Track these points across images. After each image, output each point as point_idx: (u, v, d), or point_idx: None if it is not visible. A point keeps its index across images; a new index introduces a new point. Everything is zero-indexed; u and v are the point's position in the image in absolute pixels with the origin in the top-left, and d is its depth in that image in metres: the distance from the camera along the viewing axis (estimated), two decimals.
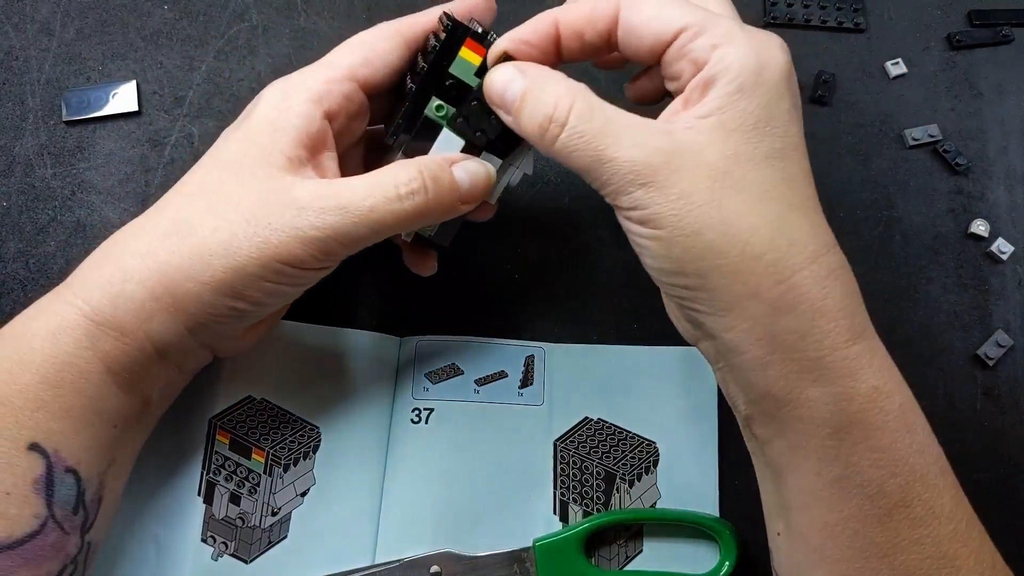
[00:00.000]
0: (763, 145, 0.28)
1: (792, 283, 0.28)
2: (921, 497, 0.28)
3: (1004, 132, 0.49)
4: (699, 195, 0.28)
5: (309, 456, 0.39)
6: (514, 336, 0.43)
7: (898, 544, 0.28)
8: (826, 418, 0.28)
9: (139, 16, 0.47)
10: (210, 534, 0.37)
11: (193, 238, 0.31)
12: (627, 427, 0.41)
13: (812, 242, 0.28)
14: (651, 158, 0.28)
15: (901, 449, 0.28)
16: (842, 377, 0.28)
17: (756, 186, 0.28)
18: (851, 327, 0.28)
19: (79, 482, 0.30)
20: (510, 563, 0.38)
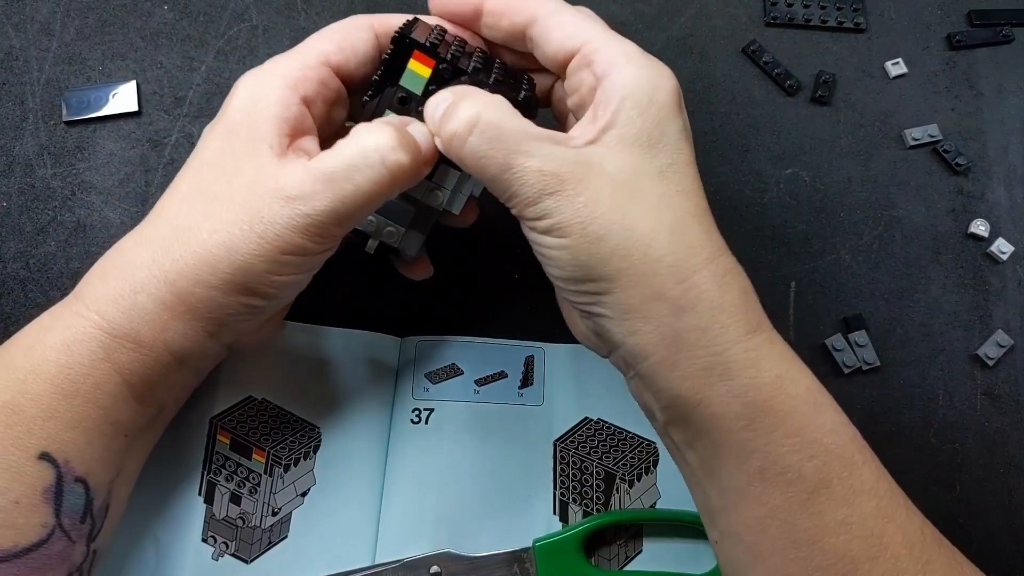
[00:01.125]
0: (658, 160, 0.30)
1: (692, 283, 0.29)
2: (840, 476, 0.29)
3: (1004, 132, 0.49)
4: (603, 203, 0.29)
5: (309, 456, 0.39)
6: (514, 336, 0.43)
7: (825, 527, 0.29)
8: (737, 412, 0.29)
9: (139, 16, 0.47)
10: (211, 534, 0.37)
11: (194, 244, 0.31)
12: (627, 427, 0.41)
13: (708, 246, 0.30)
14: (559, 168, 0.29)
15: (814, 431, 0.29)
16: (746, 368, 0.29)
17: (654, 196, 0.30)
18: (748, 321, 0.30)
19: (88, 491, 0.30)
20: (510, 563, 0.38)
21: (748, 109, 0.49)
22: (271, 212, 0.30)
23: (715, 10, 0.50)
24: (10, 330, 0.32)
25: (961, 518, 0.43)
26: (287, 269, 0.31)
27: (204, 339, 0.32)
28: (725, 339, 0.29)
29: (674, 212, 0.30)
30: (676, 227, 0.30)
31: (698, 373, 0.29)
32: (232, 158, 0.32)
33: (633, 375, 0.32)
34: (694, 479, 0.32)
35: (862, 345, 0.45)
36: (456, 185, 0.36)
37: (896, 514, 0.29)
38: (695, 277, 0.29)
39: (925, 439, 0.44)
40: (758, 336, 0.30)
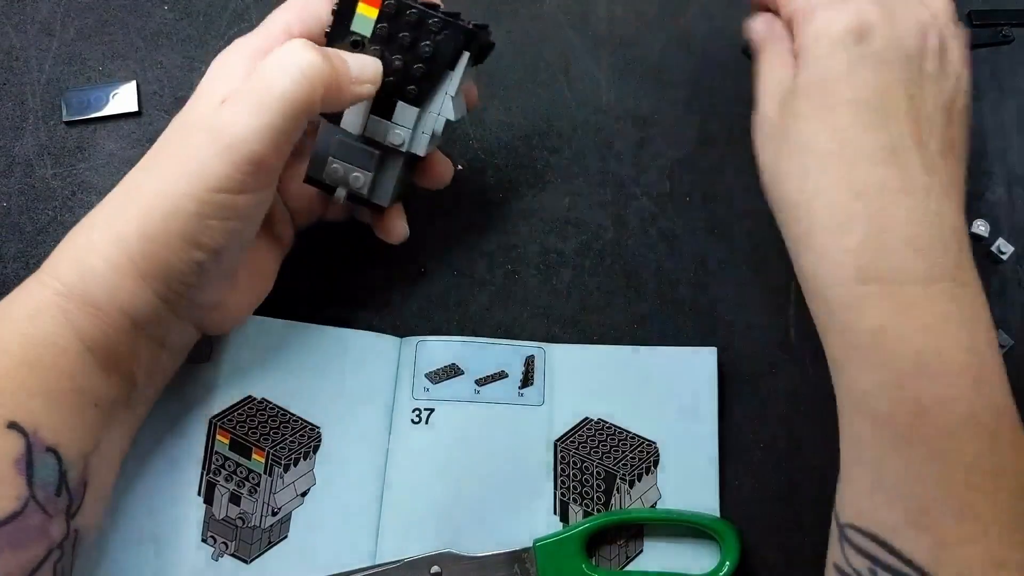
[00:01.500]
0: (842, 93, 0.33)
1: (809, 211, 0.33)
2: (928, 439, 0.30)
3: (1004, 132, 0.49)
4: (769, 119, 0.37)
5: (309, 456, 0.39)
6: (514, 336, 0.43)
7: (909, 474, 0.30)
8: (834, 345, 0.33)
9: (139, 16, 0.47)
10: (210, 534, 0.37)
11: (138, 198, 0.32)
12: (627, 427, 0.41)
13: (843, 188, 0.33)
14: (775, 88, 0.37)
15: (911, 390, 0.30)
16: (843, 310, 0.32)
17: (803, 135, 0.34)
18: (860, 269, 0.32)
19: (60, 462, 0.30)
20: (510, 563, 0.38)
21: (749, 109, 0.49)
22: (196, 147, 0.31)
23: (715, 10, 0.50)
24: None
25: None
26: (221, 212, 0.31)
27: (155, 301, 0.32)
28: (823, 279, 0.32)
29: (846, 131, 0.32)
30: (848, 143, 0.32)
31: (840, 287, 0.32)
32: (182, 121, 0.33)
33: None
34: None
35: None
36: (416, 124, 0.36)
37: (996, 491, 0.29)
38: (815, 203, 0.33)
39: None
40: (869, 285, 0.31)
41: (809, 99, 0.33)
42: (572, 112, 0.47)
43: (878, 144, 0.32)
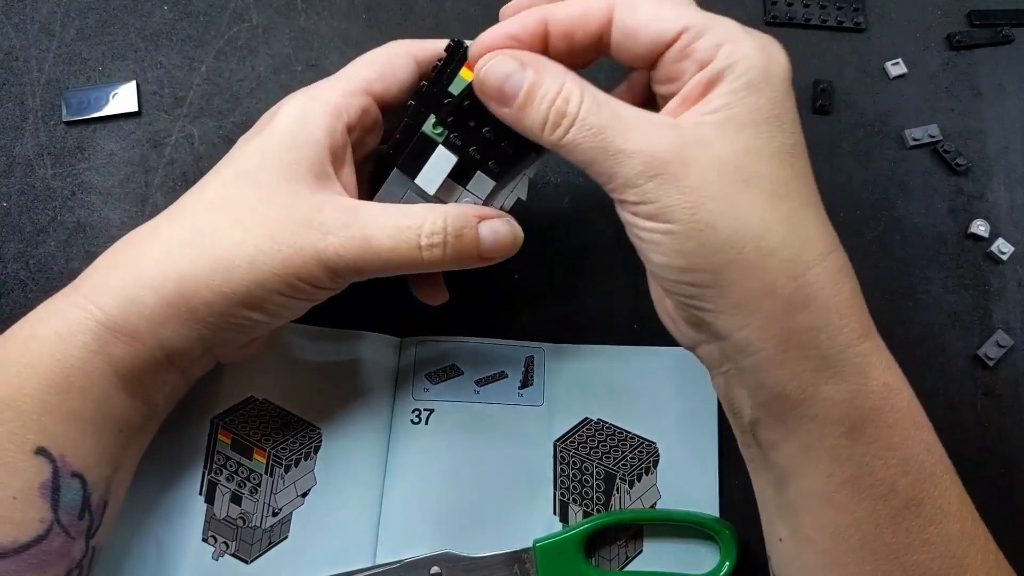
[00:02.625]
0: (774, 141, 0.28)
1: (806, 279, 0.27)
2: (931, 495, 0.28)
3: (1004, 132, 0.49)
4: (711, 188, 0.27)
5: (310, 457, 0.39)
6: (514, 336, 0.43)
7: (909, 544, 0.28)
8: (840, 416, 0.28)
9: (139, 16, 0.47)
10: (211, 534, 0.37)
11: (216, 249, 0.30)
12: (627, 428, 0.41)
13: (823, 239, 0.28)
14: (661, 151, 0.27)
15: (912, 446, 0.28)
16: (856, 374, 0.28)
17: (768, 182, 0.28)
18: (861, 324, 0.28)
19: (85, 487, 0.30)
20: (510, 564, 0.38)
21: None
22: (306, 241, 0.30)
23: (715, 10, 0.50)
24: None
25: None
26: (296, 293, 0.32)
27: (195, 342, 0.32)
28: (838, 341, 0.27)
29: (789, 200, 0.28)
30: (791, 217, 0.27)
31: (807, 373, 0.28)
32: (273, 178, 0.31)
33: (728, 369, 0.30)
34: (769, 477, 0.31)
35: None
36: (488, 196, 0.35)
37: (977, 538, 0.29)
38: (809, 273, 0.27)
39: None
40: (869, 341, 0.28)
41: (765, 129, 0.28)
42: None
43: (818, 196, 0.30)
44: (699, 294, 0.28)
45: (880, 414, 0.28)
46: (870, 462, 0.28)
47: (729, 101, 0.28)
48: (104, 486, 0.31)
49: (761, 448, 0.31)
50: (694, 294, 0.28)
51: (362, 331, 0.42)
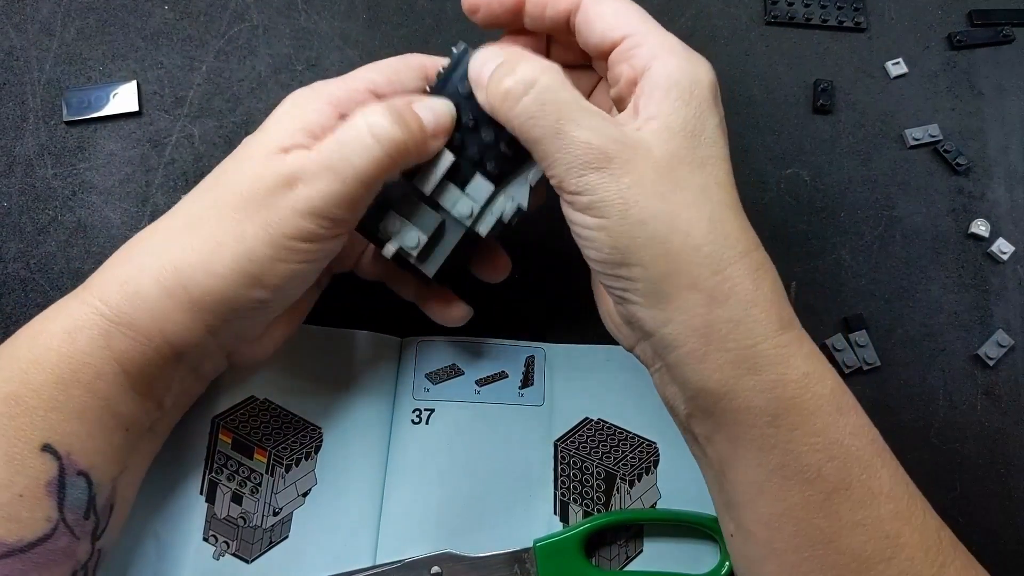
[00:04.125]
0: (699, 151, 0.30)
1: (727, 274, 0.29)
2: (859, 478, 0.29)
3: (1004, 132, 0.49)
4: (646, 186, 0.29)
5: (311, 456, 0.39)
6: (514, 336, 0.43)
7: (841, 528, 0.29)
8: (762, 406, 0.29)
9: (139, 16, 0.47)
10: (212, 533, 0.37)
11: (203, 232, 0.31)
12: (627, 427, 0.41)
13: (743, 238, 0.30)
14: (607, 145, 0.29)
15: (836, 431, 0.29)
16: (775, 364, 0.29)
17: (694, 185, 0.30)
18: (780, 317, 0.30)
19: (91, 486, 0.30)
20: (511, 563, 0.38)
21: (748, 109, 0.49)
22: (276, 197, 0.31)
23: (715, 10, 0.50)
24: (11, 330, 0.32)
25: (961, 518, 0.43)
26: (293, 256, 0.31)
27: (203, 334, 0.32)
28: (757, 333, 0.29)
29: (713, 202, 0.30)
30: (714, 217, 0.30)
31: (727, 366, 0.29)
32: (248, 155, 0.32)
33: (660, 367, 0.32)
34: (712, 473, 0.33)
35: (862, 345, 0.45)
36: (487, 202, 0.34)
37: (913, 516, 0.29)
38: (730, 269, 0.29)
39: (925, 439, 0.44)
40: (788, 333, 0.30)
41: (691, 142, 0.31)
42: None
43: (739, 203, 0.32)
44: (631, 287, 0.30)
45: (801, 402, 0.29)
46: (795, 449, 0.29)
47: (664, 111, 0.30)
48: (110, 487, 0.31)
49: (699, 444, 0.32)
50: (626, 287, 0.30)
51: (362, 331, 0.42)
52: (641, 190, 0.29)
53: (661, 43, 0.31)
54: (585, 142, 0.29)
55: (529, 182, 0.34)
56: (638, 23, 0.32)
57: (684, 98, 0.30)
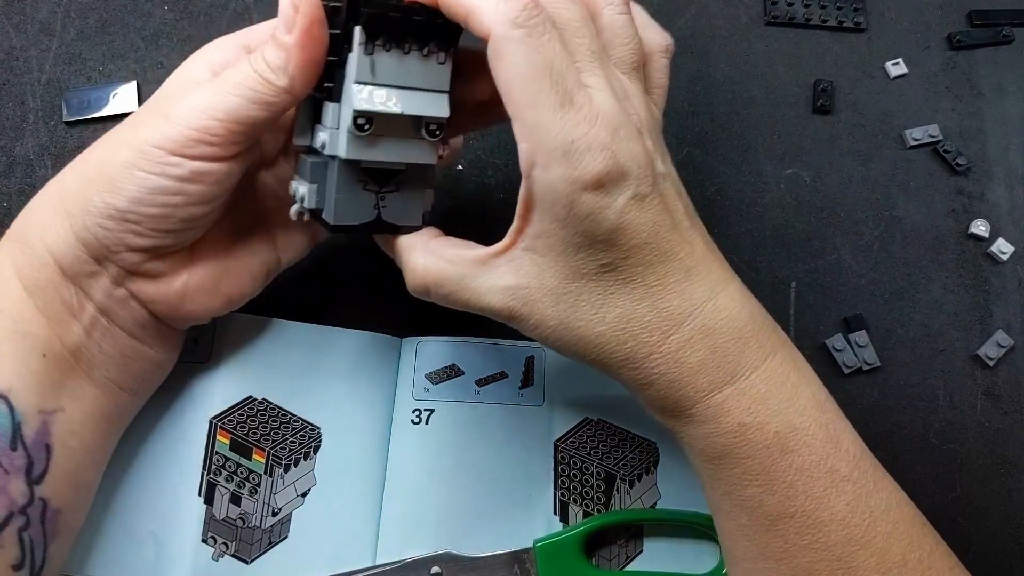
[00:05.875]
0: (592, 259, 0.30)
1: (644, 367, 0.31)
2: (804, 509, 0.30)
3: (1004, 132, 0.49)
4: (550, 322, 0.31)
5: (310, 457, 0.39)
6: (514, 336, 0.43)
7: (789, 549, 0.30)
8: (701, 449, 0.32)
9: (140, 16, 0.47)
10: (210, 534, 0.37)
11: (103, 139, 0.34)
12: (627, 427, 0.41)
13: (659, 325, 0.31)
14: (505, 302, 0.31)
15: (778, 470, 0.30)
16: (707, 421, 0.31)
17: (594, 296, 0.31)
18: (712, 381, 0.31)
19: (12, 411, 0.30)
20: (511, 564, 0.38)
21: (748, 109, 0.49)
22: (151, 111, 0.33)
23: (715, 10, 0.50)
24: None
25: (961, 518, 0.43)
26: (152, 167, 0.31)
27: (74, 242, 0.32)
28: (685, 403, 0.31)
29: (618, 305, 0.31)
30: (620, 320, 0.31)
31: (669, 420, 0.32)
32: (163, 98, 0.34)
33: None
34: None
35: (862, 345, 0.45)
36: (338, 122, 0.32)
37: (872, 542, 0.30)
38: (646, 362, 0.31)
39: (925, 439, 0.44)
40: (724, 391, 0.31)
41: (583, 255, 0.30)
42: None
43: (671, 273, 0.31)
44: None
45: (736, 449, 0.31)
46: (736, 482, 0.31)
47: (545, 231, 0.30)
48: (39, 420, 0.31)
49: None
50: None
51: (362, 330, 0.42)
52: (547, 326, 0.31)
53: (538, 143, 0.28)
54: (489, 306, 0.32)
55: (351, 79, 0.31)
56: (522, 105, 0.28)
57: (557, 219, 0.29)
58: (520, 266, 0.31)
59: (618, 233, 0.30)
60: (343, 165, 0.32)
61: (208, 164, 0.32)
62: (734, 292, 0.32)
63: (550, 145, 0.28)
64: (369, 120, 0.31)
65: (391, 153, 0.32)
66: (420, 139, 0.33)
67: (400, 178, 0.34)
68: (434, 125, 0.32)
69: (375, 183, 0.33)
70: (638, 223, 0.30)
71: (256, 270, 0.37)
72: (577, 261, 0.30)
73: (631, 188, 0.29)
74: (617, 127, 0.29)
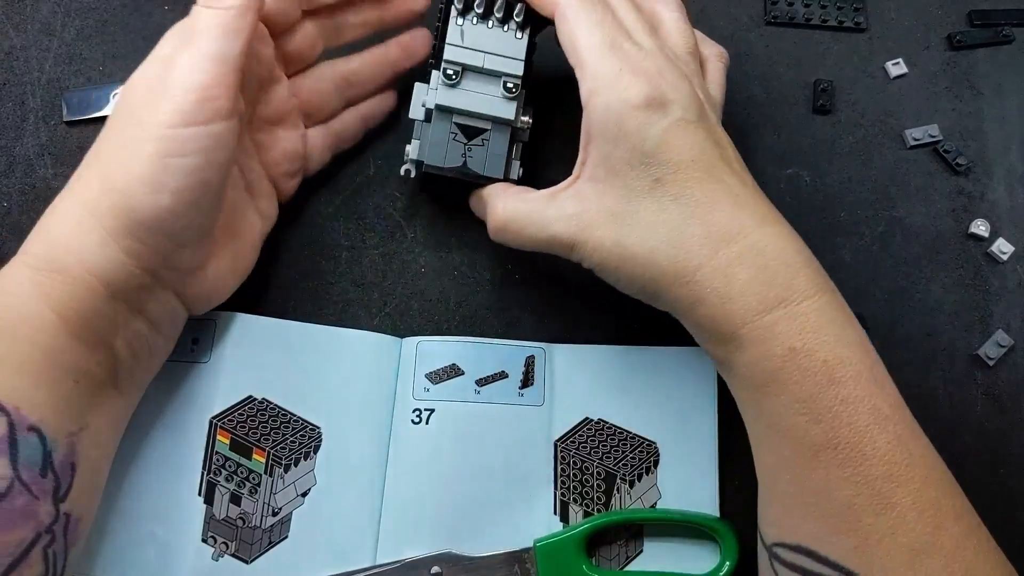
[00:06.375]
0: (644, 176, 0.33)
1: (695, 280, 0.33)
2: (848, 440, 0.30)
3: (1004, 132, 0.49)
4: (606, 242, 0.34)
5: (310, 456, 0.39)
6: (514, 336, 0.43)
7: (830, 480, 0.31)
8: (749, 376, 0.33)
9: (139, 16, 0.47)
10: (211, 534, 0.37)
11: (101, 156, 0.33)
12: (627, 427, 0.41)
13: (708, 242, 0.33)
14: (567, 228, 0.35)
15: (825, 399, 0.31)
16: (756, 343, 0.32)
17: (647, 213, 0.33)
18: (762, 301, 0.32)
19: (44, 442, 0.30)
20: (511, 563, 0.38)
21: (748, 109, 0.49)
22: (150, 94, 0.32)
23: (715, 10, 0.50)
24: None
25: None
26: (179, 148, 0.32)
27: (124, 259, 0.32)
28: (734, 322, 0.32)
29: (668, 223, 0.33)
30: (671, 235, 0.33)
31: (718, 347, 0.34)
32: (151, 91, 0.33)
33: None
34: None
35: None
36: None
37: (911, 480, 0.30)
38: (697, 275, 0.33)
39: None
40: (773, 313, 0.32)
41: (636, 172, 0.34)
42: (573, 112, 0.47)
43: (720, 194, 0.33)
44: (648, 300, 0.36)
45: (784, 374, 0.31)
46: (781, 411, 0.32)
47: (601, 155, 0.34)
48: (68, 444, 0.31)
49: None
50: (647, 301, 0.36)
51: (362, 330, 0.42)
52: (603, 247, 0.34)
53: (593, 73, 0.34)
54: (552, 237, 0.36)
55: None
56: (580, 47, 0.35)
57: (611, 139, 0.34)
58: (582, 193, 0.35)
59: (664, 147, 0.33)
60: (437, 115, 0.39)
61: (220, 124, 0.33)
62: (784, 228, 0.34)
63: (602, 74, 0.34)
64: (457, 72, 0.39)
65: (473, 103, 0.39)
66: (500, 98, 0.39)
67: (485, 135, 0.40)
68: (511, 83, 0.39)
69: (464, 136, 0.40)
70: (683, 141, 0.33)
71: (255, 239, 0.40)
72: (630, 180, 0.34)
73: (676, 112, 0.33)
74: (662, 68, 0.34)
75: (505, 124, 0.40)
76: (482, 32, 0.39)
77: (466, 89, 0.39)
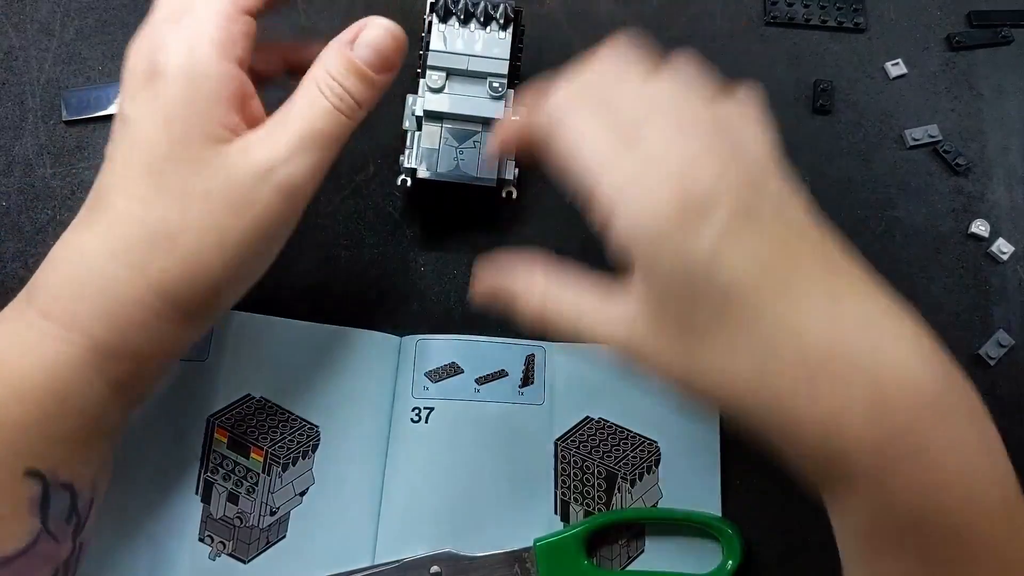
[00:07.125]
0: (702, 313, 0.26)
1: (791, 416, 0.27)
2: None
3: (1004, 132, 0.49)
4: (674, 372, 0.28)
5: (308, 455, 0.39)
6: (514, 335, 0.43)
7: None
8: (861, 530, 0.27)
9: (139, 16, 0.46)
10: (208, 533, 0.37)
11: (181, 250, 0.29)
12: (628, 426, 0.41)
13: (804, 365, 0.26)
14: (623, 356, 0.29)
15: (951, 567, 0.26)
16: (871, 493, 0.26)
17: (715, 357, 0.27)
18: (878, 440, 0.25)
19: (74, 496, 0.30)
20: (511, 563, 0.38)
21: None
22: (254, 190, 0.30)
23: (715, 10, 0.50)
24: None
25: None
26: (278, 242, 0.32)
27: (196, 338, 0.32)
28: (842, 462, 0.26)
29: (747, 361, 0.26)
30: (755, 368, 0.26)
31: (826, 489, 0.28)
32: (187, 147, 0.29)
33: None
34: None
35: None
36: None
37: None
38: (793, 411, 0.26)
39: None
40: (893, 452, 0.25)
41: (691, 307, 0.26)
42: None
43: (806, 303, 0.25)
44: None
45: (905, 538, 0.26)
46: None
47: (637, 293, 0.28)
48: (91, 487, 0.31)
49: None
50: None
51: (362, 329, 0.41)
52: (679, 384, 0.28)
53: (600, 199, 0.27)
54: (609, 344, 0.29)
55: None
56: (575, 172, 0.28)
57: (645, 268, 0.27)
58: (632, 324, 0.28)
59: (717, 267, 0.25)
60: (427, 121, 0.40)
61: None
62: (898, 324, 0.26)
63: (611, 191, 0.26)
64: (442, 76, 0.39)
65: (461, 106, 0.40)
66: (487, 98, 0.40)
67: (476, 137, 0.40)
68: (497, 83, 0.40)
69: (455, 140, 0.40)
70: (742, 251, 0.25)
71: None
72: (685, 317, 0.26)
73: (723, 211, 0.25)
74: (685, 153, 0.26)
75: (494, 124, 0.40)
76: (464, 35, 0.40)
77: (452, 93, 0.40)
